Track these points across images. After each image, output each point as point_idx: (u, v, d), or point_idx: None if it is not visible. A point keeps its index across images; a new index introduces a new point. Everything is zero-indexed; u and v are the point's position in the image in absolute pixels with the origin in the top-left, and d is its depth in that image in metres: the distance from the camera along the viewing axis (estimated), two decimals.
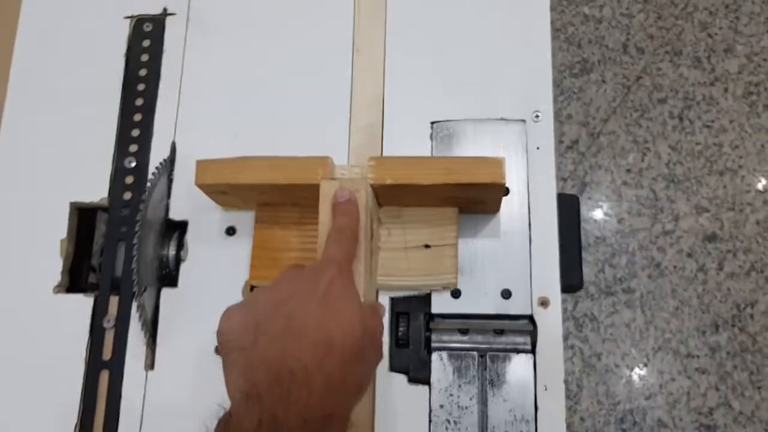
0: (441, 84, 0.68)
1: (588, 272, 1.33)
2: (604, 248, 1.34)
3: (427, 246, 0.61)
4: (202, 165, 0.59)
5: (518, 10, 0.69)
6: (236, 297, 0.63)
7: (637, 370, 1.29)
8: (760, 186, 1.36)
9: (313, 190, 0.56)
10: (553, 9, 1.48)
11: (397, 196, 0.60)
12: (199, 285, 0.64)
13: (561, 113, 1.42)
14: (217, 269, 0.65)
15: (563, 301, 0.66)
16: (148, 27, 0.72)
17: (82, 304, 0.65)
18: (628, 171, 1.38)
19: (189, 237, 0.66)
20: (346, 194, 0.55)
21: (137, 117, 0.70)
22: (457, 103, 0.67)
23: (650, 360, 1.27)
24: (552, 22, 1.48)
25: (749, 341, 1.27)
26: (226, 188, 0.60)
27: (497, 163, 0.56)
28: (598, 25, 1.46)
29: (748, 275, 1.30)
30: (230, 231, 0.66)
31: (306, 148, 0.59)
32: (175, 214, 0.67)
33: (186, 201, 0.67)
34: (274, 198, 0.62)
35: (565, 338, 1.18)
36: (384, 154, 0.66)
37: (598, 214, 1.36)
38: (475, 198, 0.60)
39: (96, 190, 0.68)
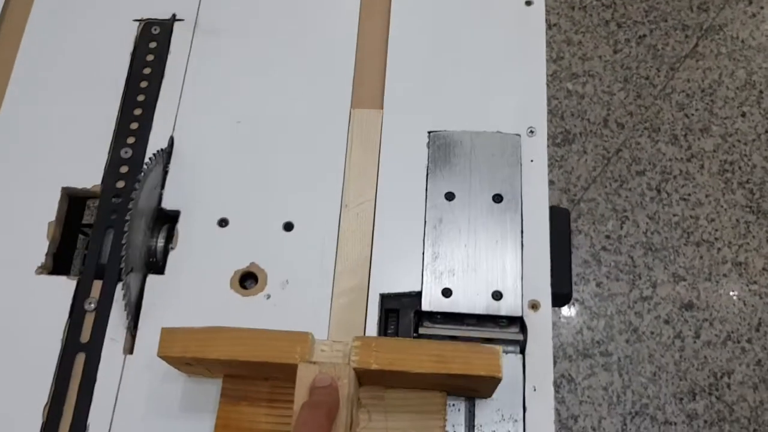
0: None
1: (566, 333, 1.32)
2: (583, 311, 1.34)
3: None
4: (168, 334, 0.53)
5: (516, 33, 0.73)
6: (223, 287, 0.62)
7: None
8: (735, 259, 1.38)
9: (289, 368, 0.51)
10: None
11: (382, 377, 0.54)
12: (186, 274, 0.63)
13: None
14: (205, 259, 0.64)
15: None
16: (156, 30, 0.74)
17: (65, 286, 0.63)
18: (607, 237, 1.40)
19: (180, 226, 0.65)
20: (327, 380, 0.50)
21: (137, 111, 0.70)
22: (455, 114, 0.69)
23: (627, 425, 1.25)
24: None
25: (726, 411, 1.25)
26: (191, 361, 0.54)
27: (494, 354, 0.51)
28: (581, 100, 1.52)
29: (724, 345, 1.30)
30: (222, 222, 0.65)
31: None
32: (168, 204, 0.66)
33: (180, 192, 0.66)
34: (244, 371, 0.56)
35: None
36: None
37: (577, 276, 1.37)
38: (467, 386, 0.55)
39: (90, 178, 0.68)
